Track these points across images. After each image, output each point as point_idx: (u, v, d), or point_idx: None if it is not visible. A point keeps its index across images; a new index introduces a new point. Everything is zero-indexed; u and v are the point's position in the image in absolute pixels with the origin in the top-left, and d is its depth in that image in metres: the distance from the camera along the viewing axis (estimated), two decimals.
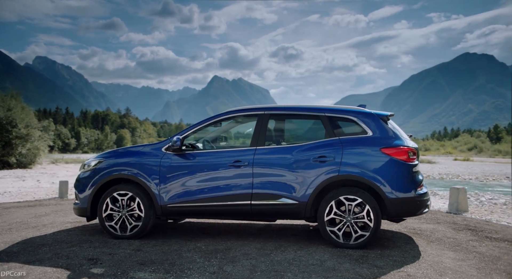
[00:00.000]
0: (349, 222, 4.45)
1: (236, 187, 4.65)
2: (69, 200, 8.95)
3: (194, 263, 3.98)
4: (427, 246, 4.70)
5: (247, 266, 3.88)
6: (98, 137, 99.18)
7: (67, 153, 70.33)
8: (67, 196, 9.51)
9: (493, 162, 44.40)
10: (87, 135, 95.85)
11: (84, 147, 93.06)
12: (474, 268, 3.93)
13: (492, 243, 4.96)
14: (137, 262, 3.99)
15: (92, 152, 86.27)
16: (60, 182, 9.49)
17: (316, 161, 4.53)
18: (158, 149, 4.93)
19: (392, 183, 4.39)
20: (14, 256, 4.20)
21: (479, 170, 29.25)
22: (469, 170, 29.26)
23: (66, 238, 4.95)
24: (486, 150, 76.17)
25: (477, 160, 51.01)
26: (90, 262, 4.00)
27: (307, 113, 4.86)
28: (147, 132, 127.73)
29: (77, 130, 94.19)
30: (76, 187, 5.14)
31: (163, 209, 4.83)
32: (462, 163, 42.84)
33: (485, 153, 73.48)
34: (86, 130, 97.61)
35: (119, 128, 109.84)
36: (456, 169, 30.16)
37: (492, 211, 7.76)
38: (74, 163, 32.15)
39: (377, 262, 4.04)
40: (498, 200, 9.59)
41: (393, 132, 4.62)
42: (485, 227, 5.90)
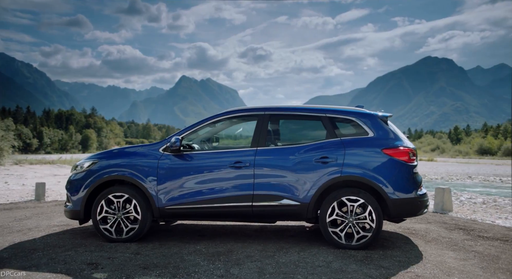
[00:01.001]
0: (351, 223, 4.45)
1: (237, 188, 4.59)
2: (47, 202, 8.62)
3: (198, 266, 3.90)
4: (426, 246, 4.76)
5: (254, 269, 3.84)
6: (62, 137, 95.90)
7: (29, 153, 67.56)
8: (44, 199, 9.15)
9: (455, 162, 46.09)
10: (50, 135, 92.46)
11: (47, 147, 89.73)
12: (478, 267, 4.00)
13: (486, 242, 5.07)
14: (140, 266, 3.88)
15: (55, 152, 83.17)
16: (36, 184, 9.12)
17: (318, 162, 4.53)
18: (156, 150, 4.82)
19: (394, 184, 4.43)
20: (7, 262, 4.01)
21: (444, 170, 30.31)
22: (434, 170, 30.23)
23: (58, 242, 4.76)
24: (448, 151, 79.11)
25: (440, 160, 52.81)
26: (90, 266, 3.87)
27: (307, 114, 4.85)
28: (114, 132, 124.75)
29: (39, 130, 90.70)
30: (69, 189, 4.95)
31: (161, 211, 4.72)
32: (427, 163, 44.23)
33: (447, 153, 76.28)
34: (49, 130, 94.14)
35: (84, 128, 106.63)
36: (422, 169, 31.12)
37: (474, 211, 7.98)
38: (39, 164, 30.90)
39: (382, 262, 4.06)
40: (476, 199, 9.89)
41: (393, 133, 4.66)
42: (474, 226, 6.04)
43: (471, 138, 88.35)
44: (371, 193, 4.53)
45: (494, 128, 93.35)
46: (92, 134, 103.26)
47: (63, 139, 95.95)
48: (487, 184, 18.44)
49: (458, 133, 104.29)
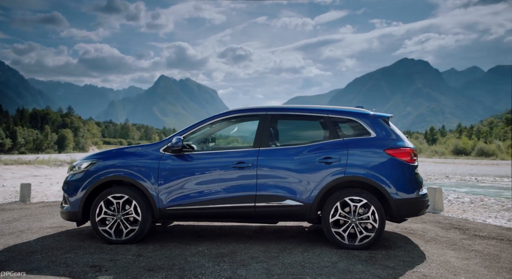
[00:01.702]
0: (354, 223, 4.47)
1: (239, 189, 4.56)
2: (34, 204, 8.40)
3: (204, 267, 3.86)
4: (427, 246, 4.81)
5: (261, 270, 3.81)
6: (37, 137, 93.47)
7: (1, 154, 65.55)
8: (30, 200, 8.91)
9: (432, 162, 47.12)
10: (24, 134, 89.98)
11: (21, 147, 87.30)
12: (481, 267, 4.05)
13: (483, 241, 5.15)
14: (144, 268, 3.81)
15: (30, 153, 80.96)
16: (21, 184, 8.88)
17: (322, 163, 4.53)
18: (156, 150, 4.75)
19: (397, 184, 4.46)
20: (6, 265, 3.89)
21: (422, 170, 30.94)
22: None
23: (56, 245, 4.64)
24: (424, 151, 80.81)
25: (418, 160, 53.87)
26: (94, 269, 3.78)
27: (309, 114, 4.85)
28: (91, 132, 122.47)
29: (13, 129, 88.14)
30: (66, 190, 4.84)
31: (162, 212, 4.65)
32: None
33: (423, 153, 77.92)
34: (24, 130, 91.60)
35: (60, 128, 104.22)
36: None
37: (464, 210, 8.12)
38: (15, 164, 30.04)
39: (387, 262, 4.08)
40: (463, 199, 10.07)
41: (395, 133, 4.70)
42: (468, 226, 6.14)
43: (446, 138, 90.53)
44: (373, 193, 4.56)
45: (468, 129, 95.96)
46: (68, 134, 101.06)
47: (38, 139, 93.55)
48: (463, 184, 18.92)
49: (434, 134, 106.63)
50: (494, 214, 7.70)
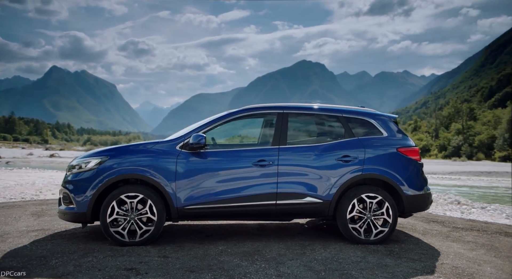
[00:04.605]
0: (369, 218, 4.67)
1: (260, 186, 4.56)
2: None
3: (242, 267, 3.80)
4: (427, 239, 5.13)
5: (301, 267, 3.84)
6: None
7: None
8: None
9: None
10: None
11: None
12: (491, 257, 4.40)
13: (467, 232, 5.60)
14: (184, 269, 3.67)
15: None
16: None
17: (340, 161, 4.68)
18: (172, 147, 4.57)
19: (409, 181, 4.75)
20: (31, 270, 3.54)
21: None
22: None
23: (61, 248, 4.26)
24: None
25: None
26: (132, 272, 3.55)
27: (325, 113, 4.99)
28: None
29: None
30: (72, 190, 4.46)
31: (180, 211, 4.50)
32: None
33: None
34: None
35: None
36: None
37: None
38: None
39: (409, 255, 4.31)
40: None
41: (403, 133, 5.00)
42: (439, 219, 6.65)
43: None
44: (386, 190, 4.81)
45: None
46: None
47: None
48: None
49: None
50: (449, 207, 8.43)
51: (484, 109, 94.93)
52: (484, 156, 68.18)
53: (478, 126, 77.33)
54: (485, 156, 68.27)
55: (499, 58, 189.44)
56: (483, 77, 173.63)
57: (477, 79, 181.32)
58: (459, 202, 9.21)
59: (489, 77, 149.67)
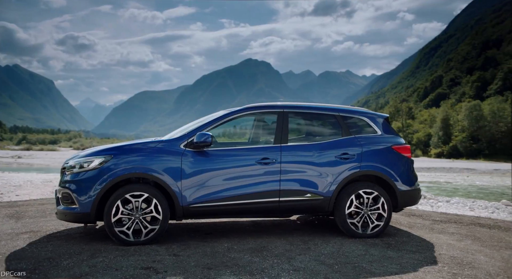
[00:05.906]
0: (366, 213, 4.88)
1: (264, 184, 4.66)
2: None
3: (255, 263, 3.87)
4: (417, 232, 5.40)
5: (313, 261, 3.96)
6: None
7: None
8: None
9: None
10: None
11: None
12: (480, 246, 4.70)
13: (448, 225, 5.94)
14: (201, 267, 3.70)
15: None
16: None
17: (339, 158, 4.86)
18: (176, 146, 4.57)
19: (402, 177, 5.01)
20: (47, 272, 3.45)
21: None
22: None
23: (65, 250, 4.15)
24: None
25: None
26: (151, 271, 3.54)
27: (323, 112, 5.14)
28: None
29: None
30: (74, 190, 4.34)
31: (185, 210, 4.50)
32: None
33: None
34: None
35: None
36: None
37: None
38: None
39: (407, 247, 4.54)
40: None
41: (394, 132, 5.26)
42: (421, 213, 7.00)
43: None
44: (382, 186, 5.03)
45: None
46: None
47: None
48: None
49: None
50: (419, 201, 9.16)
51: (420, 108, 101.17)
52: (421, 153, 72.84)
53: (416, 125, 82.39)
54: (422, 153, 72.97)
55: (431, 60, 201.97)
56: (418, 78, 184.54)
57: (413, 80, 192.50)
58: (425, 197, 9.83)
59: (423, 78, 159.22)
